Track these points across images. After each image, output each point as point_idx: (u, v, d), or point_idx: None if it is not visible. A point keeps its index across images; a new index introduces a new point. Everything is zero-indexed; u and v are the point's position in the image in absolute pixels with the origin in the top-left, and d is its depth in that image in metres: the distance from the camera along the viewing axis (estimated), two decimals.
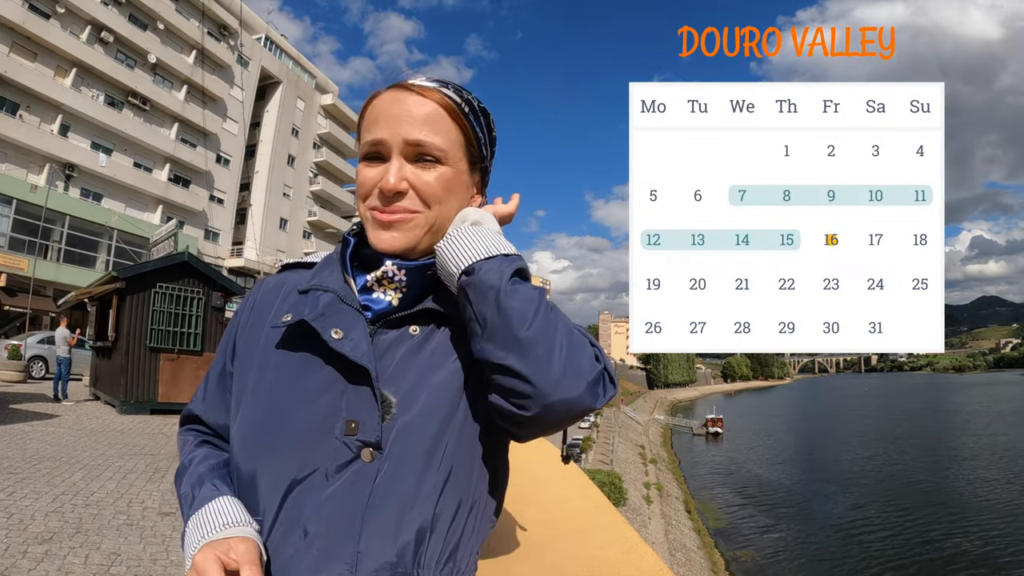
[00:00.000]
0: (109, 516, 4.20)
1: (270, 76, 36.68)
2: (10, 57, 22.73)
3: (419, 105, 0.69)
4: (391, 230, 0.69)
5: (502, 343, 0.60)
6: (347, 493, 0.62)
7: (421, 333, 0.70)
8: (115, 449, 6.67)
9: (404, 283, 0.70)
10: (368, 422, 0.63)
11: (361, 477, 0.63)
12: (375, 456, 0.63)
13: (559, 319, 0.63)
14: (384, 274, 0.70)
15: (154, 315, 9.97)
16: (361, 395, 0.65)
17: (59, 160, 24.74)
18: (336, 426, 0.64)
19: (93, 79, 26.29)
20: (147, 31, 28.50)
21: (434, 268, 0.70)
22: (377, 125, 0.70)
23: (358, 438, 0.63)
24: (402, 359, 0.68)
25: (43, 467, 5.44)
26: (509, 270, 0.63)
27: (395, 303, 0.70)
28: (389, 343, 0.68)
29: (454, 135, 0.71)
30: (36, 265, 22.30)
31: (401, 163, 0.69)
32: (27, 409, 8.97)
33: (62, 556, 3.37)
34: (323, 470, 0.63)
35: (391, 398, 0.65)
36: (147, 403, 9.89)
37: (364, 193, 0.71)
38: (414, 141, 0.68)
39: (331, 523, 0.62)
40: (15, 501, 4.31)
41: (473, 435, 0.68)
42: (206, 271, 10.94)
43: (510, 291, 0.62)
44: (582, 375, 0.61)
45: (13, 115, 23.24)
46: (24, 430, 7.26)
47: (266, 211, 35.95)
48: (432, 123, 0.69)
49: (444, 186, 0.70)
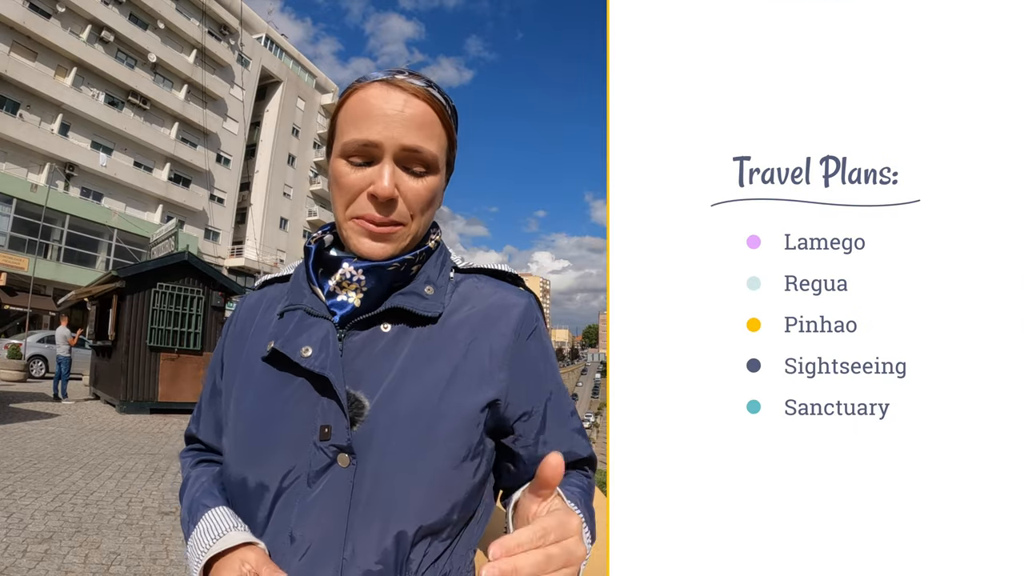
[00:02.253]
0: (109, 515, 4.21)
1: (270, 76, 36.71)
2: (10, 56, 22.75)
3: (411, 105, 0.66)
4: (381, 241, 0.68)
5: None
6: (329, 498, 0.62)
7: (393, 331, 0.69)
8: (115, 448, 6.68)
9: (363, 283, 0.69)
10: (338, 428, 0.63)
11: (340, 482, 0.63)
12: (351, 461, 0.63)
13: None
14: (343, 276, 0.69)
15: (154, 314, 9.98)
16: (331, 401, 0.65)
17: (59, 159, 24.76)
18: (314, 432, 0.64)
19: (93, 78, 26.31)
20: (147, 30, 28.52)
21: (395, 265, 0.69)
22: (367, 123, 0.66)
23: (331, 443, 0.63)
24: (375, 359, 0.67)
25: (43, 466, 5.46)
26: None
27: (358, 304, 0.69)
28: (361, 344, 0.68)
29: (443, 140, 0.70)
30: (36, 264, 22.32)
31: (394, 168, 0.66)
32: (27, 408, 8.99)
33: (62, 555, 3.38)
34: (305, 475, 0.64)
35: (364, 400, 0.65)
36: (147, 402, 9.91)
37: (349, 197, 0.68)
38: (412, 147, 0.66)
39: (316, 529, 0.62)
40: (15, 500, 4.32)
41: (463, 439, 0.67)
42: (206, 271, 10.96)
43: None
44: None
45: (13, 114, 23.27)
46: (24, 429, 7.27)
47: (266, 211, 35.98)
48: (426, 127, 0.67)
49: (431, 197, 0.70)
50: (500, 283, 0.77)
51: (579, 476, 0.75)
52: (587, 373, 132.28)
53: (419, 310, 0.68)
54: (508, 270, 0.79)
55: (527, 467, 0.73)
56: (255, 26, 36.19)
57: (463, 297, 0.73)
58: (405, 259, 0.70)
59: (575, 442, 0.76)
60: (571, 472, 0.75)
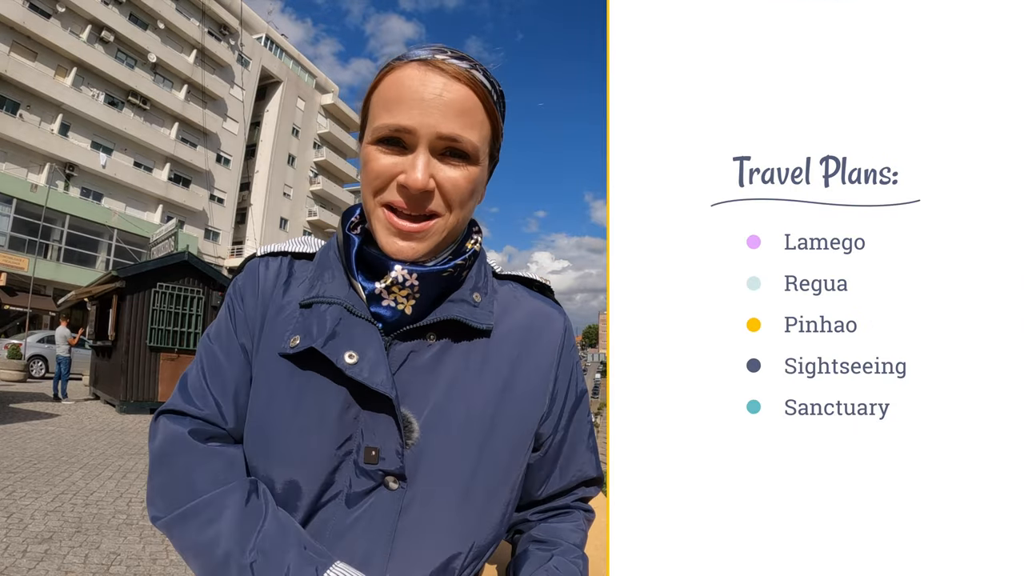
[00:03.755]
0: (109, 515, 4.21)
1: (270, 76, 36.70)
2: (10, 56, 22.74)
3: (451, 90, 0.59)
4: (411, 240, 0.61)
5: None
6: (372, 520, 0.58)
7: (440, 343, 0.63)
8: (115, 448, 6.68)
9: (417, 288, 0.61)
10: (389, 450, 0.58)
11: (386, 505, 0.58)
12: (399, 484, 0.59)
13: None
14: (394, 280, 0.61)
15: (154, 314, 9.98)
16: (380, 421, 0.59)
17: (59, 159, 24.76)
18: (354, 451, 0.59)
19: (93, 78, 26.31)
20: (147, 30, 28.52)
21: (449, 271, 0.63)
22: (401, 107, 0.58)
23: (379, 468, 0.58)
24: (422, 373, 0.61)
25: (43, 466, 5.45)
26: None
27: (408, 312, 0.62)
28: (405, 356, 0.61)
29: (486, 128, 0.63)
30: (36, 264, 22.31)
31: (428, 157, 0.59)
32: (27, 408, 8.98)
33: (62, 555, 3.38)
34: (344, 495, 0.59)
35: (413, 420, 0.60)
36: (147, 402, 9.90)
37: (379, 185, 0.60)
38: (449, 136, 0.59)
39: (355, 551, 0.58)
40: (15, 500, 4.32)
41: (515, 458, 0.64)
42: (206, 271, 10.95)
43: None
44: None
45: (13, 114, 23.26)
46: (24, 429, 7.27)
47: (266, 211, 35.97)
48: (467, 114, 0.60)
49: (471, 187, 0.62)
50: (534, 293, 0.75)
51: (574, 558, 0.71)
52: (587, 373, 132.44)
53: (472, 322, 0.63)
54: (542, 280, 0.77)
55: (538, 486, 0.73)
56: (255, 26, 36.19)
57: (504, 307, 0.70)
58: (457, 264, 0.64)
59: (588, 462, 0.76)
60: (571, 514, 0.75)
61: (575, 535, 0.73)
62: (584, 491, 0.77)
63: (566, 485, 0.75)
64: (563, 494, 0.76)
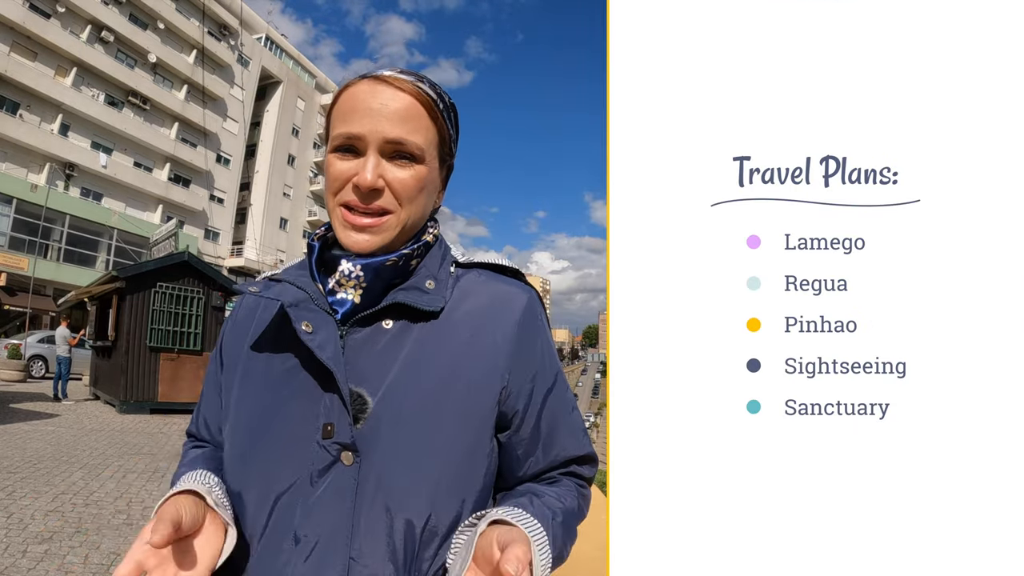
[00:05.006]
0: (109, 515, 4.21)
1: (270, 76, 36.71)
2: (10, 56, 22.75)
3: (397, 100, 0.68)
4: (364, 233, 0.69)
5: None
6: (333, 497, 0.62)
7: (395, 327, 0.69)
8: (115, 449, 6.68)
9: (363, 279, 0.69)
10: (343, 425, 0.63)
11: (344, 481, 0.63)
12: (354, 459, 0.63)
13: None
14: (342, 273, 0.69)
15: (154, 315, 9.98)
16: (334, 399, 0.64)
17: (59, 159, 24.76)
18: (316, 430, 0.64)
19: (93, 79, 26.31)
20: (147, 30, 28.52)
21: (394, 260, 0.69)
22: (353, 117, 0.68)
23: (334, 441, 0.63)
24: (378, 356, 0.67)
25: (43, 466, 5.45)
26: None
27: (358, 300, 0.70)
28: (363, 342, 0.68)
29: (431, 133, 0.70)
30: (36, 264, 22.32)
31: (378, 159, 0.67)
32: (27, 408, 8.98)
33: (62, 555, 3.38)
34: (308, 474, 0.63)
35: (367, 397, 0.65)
36: (147, 403, 9.90)
37: (336, 187, 0.69)
38: (394, 139, 0.67)
39: (321, 528, 0.62)
40: (15, 500, 4.32)
41: (471, 433, 0.67)
42: (206, 271, 10.96)
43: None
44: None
45: (13, 114, 23.27)
46: (24, 429, 7.27)
47: (266, 211, 35.98)
48: (412, 120, 0.68)
49: (419, 185, 0.70)
50: (502, 277, 0.77)
51: (564, 490, 0.73)
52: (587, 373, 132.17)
53: (420, 305, 0.69)
54: (509, 264, 0.79)
55: (520, 465, 0.73)
56: (255, 26, 36.20)
57: (464, 291, 0.73)
58: (403, 253, 0.70)
59: (574, 438, 0.76)
60: (561, 482, 0.75)
61: (562, 493, 0.73)
62: (576, 468, 0.77)
63: (551, 463, 0.75)
64: (550, 472, 0.76)
